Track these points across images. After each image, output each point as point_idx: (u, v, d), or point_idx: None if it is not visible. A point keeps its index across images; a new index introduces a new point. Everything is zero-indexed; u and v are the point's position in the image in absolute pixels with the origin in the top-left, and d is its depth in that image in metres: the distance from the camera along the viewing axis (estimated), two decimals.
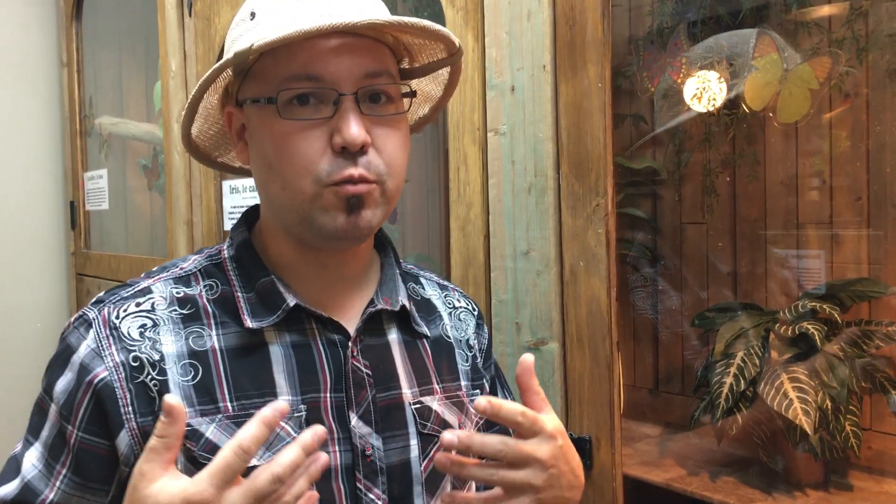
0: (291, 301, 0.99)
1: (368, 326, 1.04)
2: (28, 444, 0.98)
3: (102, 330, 0.95)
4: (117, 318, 0.96)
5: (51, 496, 0.93)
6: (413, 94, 1.00)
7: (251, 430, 0.79)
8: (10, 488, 0.95)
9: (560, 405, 1.34)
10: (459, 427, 1.09)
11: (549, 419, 0.92)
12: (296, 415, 0.95)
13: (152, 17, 2.49)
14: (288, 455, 0.79)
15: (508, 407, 0.91)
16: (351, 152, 0.92)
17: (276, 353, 0.98)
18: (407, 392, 1.05)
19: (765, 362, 2.20)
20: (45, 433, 0.96)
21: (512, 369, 1.42)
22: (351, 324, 1.02)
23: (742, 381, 2.20)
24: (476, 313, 1.20)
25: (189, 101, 0.99)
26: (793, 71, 1.51)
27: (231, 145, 1.11)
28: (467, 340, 1.16)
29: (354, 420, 0.98)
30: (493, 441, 0.90)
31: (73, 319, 0.99)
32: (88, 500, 0.94)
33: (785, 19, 2.13)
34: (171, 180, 2.39)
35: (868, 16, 2.03)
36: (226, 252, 1.05)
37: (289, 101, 0.93)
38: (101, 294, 1.02)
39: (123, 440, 0.92)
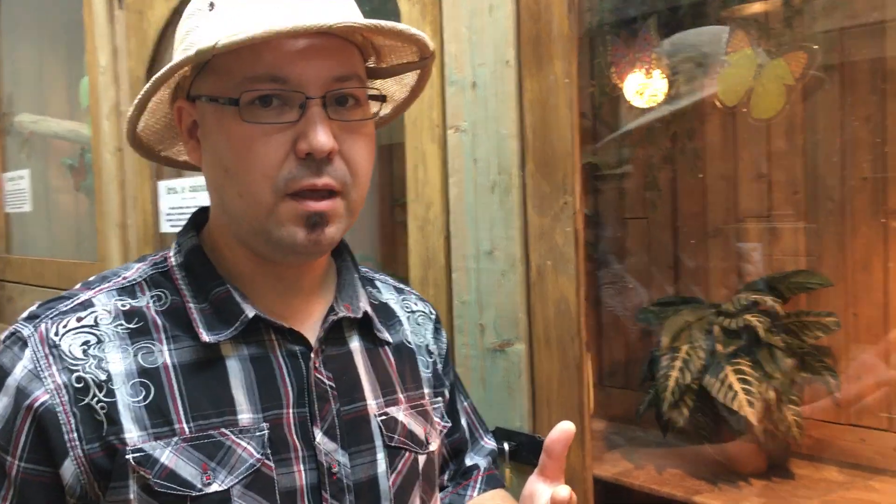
0: (251, 312, 0.92)
1: (329, 335, 0.98)
2: None
3: (40, 348, 0.87)
4: (56, 334, 0.88)
5: None
6: (383, 98, 0.95)
7: None
8: None
9: (527, 407, 1.32)
10: (425, 437, 1.05)
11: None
12: (258, 433, 0.89)
13: (76, 10, 2.37)
14: None
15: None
16: (316, 160, 0.86)
17: (234, 367, 0.91)
18: (372, 403, 1.00)
19: (709, 355, 2.23)
20: None
21: (475, 372, 1.40)
22: (311, 333, 0.96)
23: (688, 374, 2.23)
24: (434, 317, 1.16)
25: (140, 97, 0.92)
26: (767, 66, 1.53)
27: (180, 141, 1.03)
28: (427, 346, 1.12)
29: (319, 436, 0.93)
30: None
31: (2, 338, 0.90)
32: None
33: (721, 16, 2.15)
34: (102, 181, 2.29)
35: (804, 12, 2.07)
36: (173, 259, 0.97)
37: (250, 103, 0.86)
38: (35, 308, 0.93)
39: (68, 469, 0.84)
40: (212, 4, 0.91)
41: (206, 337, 0.91)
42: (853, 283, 2.25)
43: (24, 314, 0.93)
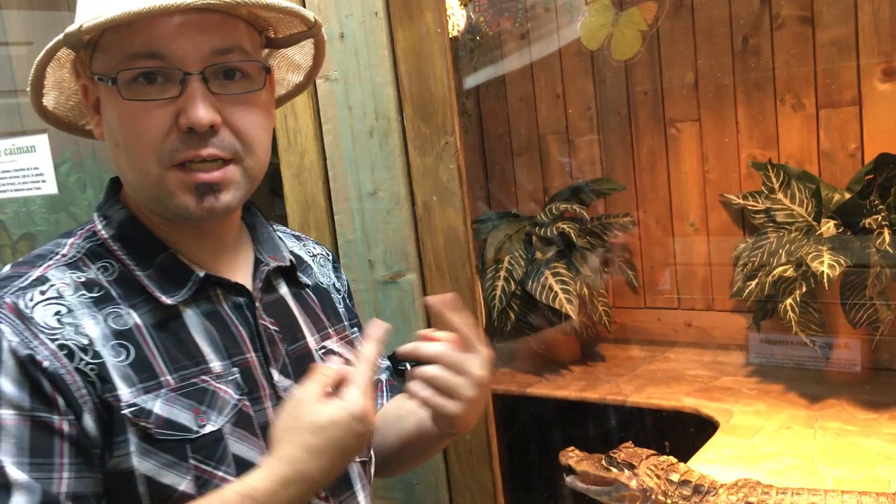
0: (201, 272, 1.00)
1: (263, 285, 1.07)
2: None
3: (17, 322, 0.88)
4: (26, 307, 0.89)
5: (63, 489, 0.86)
6: (267, 70, 1.00)
7: (371, 349, 0.95)
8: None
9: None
10: None
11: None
12: (230, 378, 0.98)
13: None
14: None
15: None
16: (198, 133, 0.92)
17: (193, 323, 0.98)
18: (311, 340, 1.11)
19: (529, 263, 2.47)
20: (6, 444, 0.85)
21: (367, 304, 1.51)
22: (246, 285, 1.05)
23: (512, 283, 2.46)
24: (331, 258, 1.28)
25: (31, 76, 0.95)
26: (624, 15, 1.72)
27: (89, 117, 1.04)
28: (334, 284, 1.24)
29: (277, 375, 1.03)
30: (438, 346, 1.01)
31: None
32: (93, 479, 0.89)
33: None
34: None
35: None
36: (104, 232, 1.00)
37: (133, 80, 0.91)
38: None
39: (88, 422, 0.88)
40: None
41: (167, 300, 0.97)
42: (641, 186, 2.57)
43: None
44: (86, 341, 0.90)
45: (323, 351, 1.12)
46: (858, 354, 2.14)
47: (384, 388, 1.29)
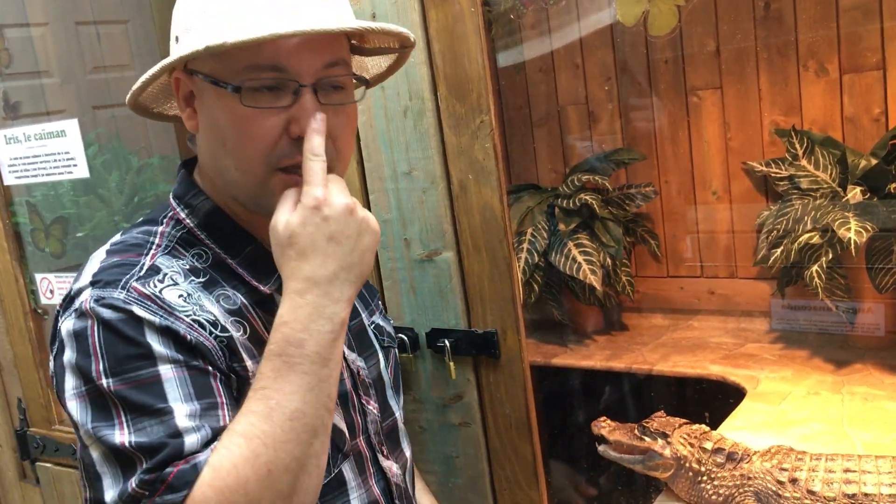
0: None
1: None
2: (152, 418, 0.89)
3: (150, 304, 0.94)
4: (155, 290, 0.96)
5: (227, 424, 0.92)
6: (367, 82, 1.08)
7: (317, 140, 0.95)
8: (194, 440, 0.88)
9: (461, 307, 1.48)
10: (395, 334, 1.31)
11: None
12: None
13: None
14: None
15: None
16: None
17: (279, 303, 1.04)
18: (364, 315, 1.21)
19: (551, 234, 2.48)
20: (173, 392, 0.90)
21: (404, 282, 1.53)
22: None
23: (535, 255, 2.48)
24: None
25: (147, 77, 1.00)
26: None
27: (170, 101, 1.13)
28: None
29: (346, 350, 1.12)
30: None
31: (83, 309, 0.93)
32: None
33: None
34: None
35: None
36: (189, 221, 1.07)
37: (250, 89, 0.97)
38: (99, 277, 0.97)
39: (233, 380, 0.97)
40: None
41: (265, 289, 1.05)
42: (663, 155, 2.57)
43: (83, 282, 0.97)
44: (212, 318, 0.98)
45: (373, 326, 1.23)
46: (882, 319, 2.16)
47: (395, 360, 1.33)
